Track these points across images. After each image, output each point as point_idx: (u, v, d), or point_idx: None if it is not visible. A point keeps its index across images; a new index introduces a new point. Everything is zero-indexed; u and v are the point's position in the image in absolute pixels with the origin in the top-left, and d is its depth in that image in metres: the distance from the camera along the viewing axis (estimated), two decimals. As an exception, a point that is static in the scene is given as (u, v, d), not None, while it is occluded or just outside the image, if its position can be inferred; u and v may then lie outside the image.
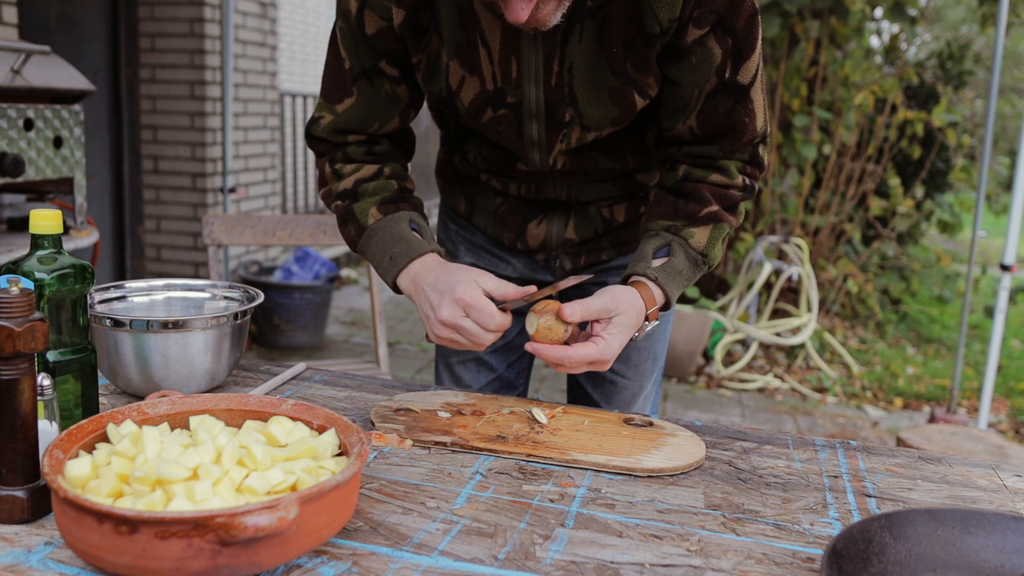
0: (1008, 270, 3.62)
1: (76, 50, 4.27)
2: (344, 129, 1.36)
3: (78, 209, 2.63)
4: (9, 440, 0.90)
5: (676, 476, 1.12)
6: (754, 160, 1.34)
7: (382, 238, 1.33)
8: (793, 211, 5.35)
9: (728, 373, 4.68)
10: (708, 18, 1.20)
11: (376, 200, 1.36)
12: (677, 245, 1.31)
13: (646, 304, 1.27)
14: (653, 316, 1.29)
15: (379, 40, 1.29)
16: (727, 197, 1.33)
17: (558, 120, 1.32)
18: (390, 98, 1.35)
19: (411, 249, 1.30)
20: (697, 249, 1.32)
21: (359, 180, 1.37)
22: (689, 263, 1.32)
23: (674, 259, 1.31)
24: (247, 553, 0.79)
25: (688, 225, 1.32)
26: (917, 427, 3.59)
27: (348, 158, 1.38)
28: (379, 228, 1.34)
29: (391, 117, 1.37)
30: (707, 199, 1.32)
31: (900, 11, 5.20)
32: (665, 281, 1.29)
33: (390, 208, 1.35)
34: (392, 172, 1.40)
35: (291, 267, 4.89)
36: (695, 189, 1.33)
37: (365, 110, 1.35)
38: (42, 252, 1.08)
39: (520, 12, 1.08)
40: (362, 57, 1.31)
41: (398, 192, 1.38)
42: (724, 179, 1.33)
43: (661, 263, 1.30)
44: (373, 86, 1.33)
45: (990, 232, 9.40)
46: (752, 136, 1.31)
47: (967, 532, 0.91)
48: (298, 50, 8.33)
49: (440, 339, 1.23)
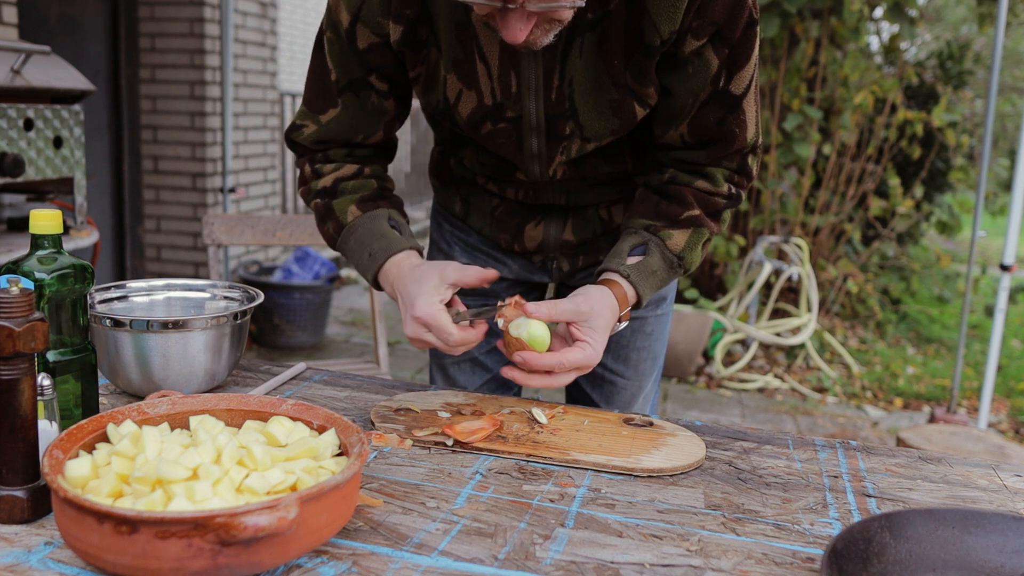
0: (1008, 270, 3.62)
1: (76, 50, 4.27)
2: (325, 140, 1.37)
3: (78, 209, 2.63)
4: (9, 440, 0.90)
5: (676, 476, 1.12)
6: (742, 170, 1.33)
7: (361, 235, 1.33)
8: (793, 211, 5.36)
9: (728, 373, 4.68)
10: (707, 29, 1.19)
11: (356, 197, 1.36)
12: (654, 245, 1.31)
13: (620, 304, 1.26)
14: (626, 317, 1.29)
15: (370, 55, 1.28)
16: (711, 203, 1.33)
17: (558, 133, 1.31)
18: (376, 111, 1.34)
19: (390, 246, 1.30)
20: (674, 251, 1.31)
21: (339, 179, 1.37)
22: (664, 264, 1.31)
23: (649, 259, 1.30)
24: (247, 553, 0.79)
25: (668, 227, 1.32)
26: (917, 427, 3.59)
27: (328, 159, 1.38)
28: (358, 225, 1.34)
29: (375, 130, 1.37)
30: (690, 202, 1.32)
31: (900, 11, 5.20)
32: (638, 280, 1.28)
33: (369, 205, 1.35)
34: (372, 172, 1.40)
35: (291, 267, 4.89)
36: (679, 192, 1.32)
37: (349, 122, 1.34)
38: (42, 252, 1.08)
39: (518, 33, 1.08)
40: (350, 69, 1.31)
41: (378, 190, 1.38)
42: (709, 186, 1.32)
43: (636, 261, 1.30)
44: (360, 99, 1.33)
45: (989, 232, 9.41)
46: (742, 146, 1.30)
47: (967, 532, 0.91)
48: (298, 50, 8.34)
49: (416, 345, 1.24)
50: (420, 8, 1.24)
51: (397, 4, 1.23)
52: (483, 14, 1.11)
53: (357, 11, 1.25)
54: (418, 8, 1.24)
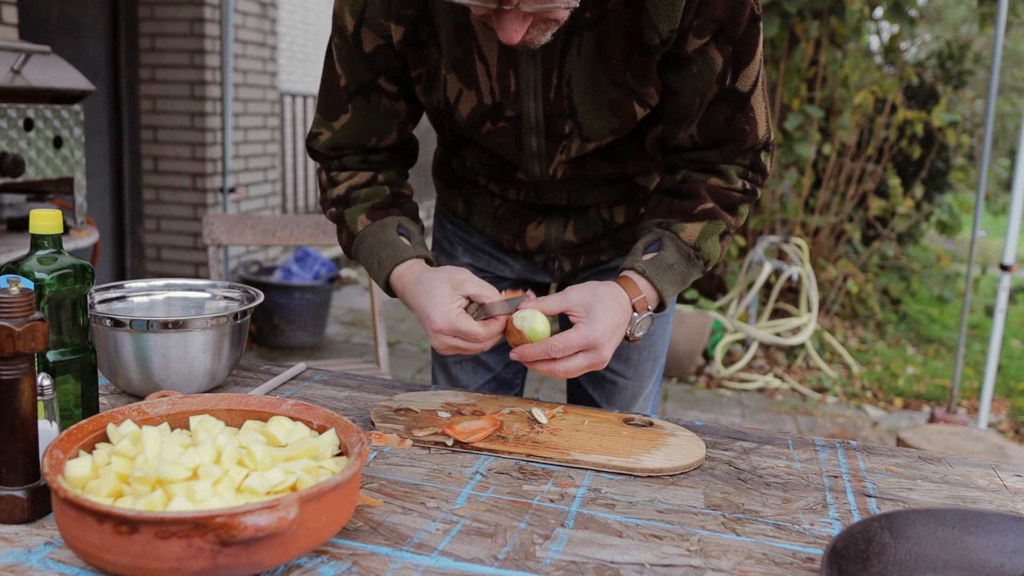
0: (1008, 270, 3.62)
1: (76, 50, 4.27)
2: (340, 146, 1.37)
3: (78, 209, 2.63)
4: (9, 440, 0.90)
5: (676, 476, 1.12)
6: (756, 166, 1.32)
7: (371, 244, 1.33)
8: (793, 211, 5.36)
9: (728, 373, 4.68)
10: (708, 27, 1.19)
11: (366, 206, 1.36)
12: (668, 239, 1.30)
13: (629, 293, 1.24)
14: (641, 306, 1.25)
15: (377, 57, 1.29)
16: (725, 196, 1.31)
17: (558, 132, 1.31)
18: (388, 113, 1.35)
19: (396, 254, 1.30)
20: (688, 242, 1.30)
21: (352, 187, 1.37)
22: (681, 256, 1.29)
23: (664, 253, 1.29)
24: (247, 553, 0.79)
25: (681, 220, 1.31)
26: (917, 427, 3.59)
27: (344, 166, 1.39)
28: (367, 234, 1.34)
29: (388, 132, 1.37)
30: (703, 196, 1.31)
31: (900, 11, 5.20)
32: (654, 274, 1.27)
33: (379, 214, 1.35)
34: (386, 179, 1.40)
35: (291, 267, 4.89)
36: (692, 188, 1.32)
37: (361, 127, 1.35)
38: (42, 252, 1.08)
39: (514, 33, 1.08)
40: (359, 74, 1.31)
41: (390, 198, 1.38)
42: (723, 183, 1.31)
43: (651, 257, 1.29)
44: (370, 102, 1.33)
45: (989, 232, 9.41)
46: (754, 143, 1.30)
47: (967, 532, 0.91)
48: (298, 50, 8.33)
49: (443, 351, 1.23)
50: (420, 9, 1.24)
51: (398, 5, 1.23)
52: (480, 15, 1.11)
53: (361, 14, 1.26)
54: (418, 9, 1.24)
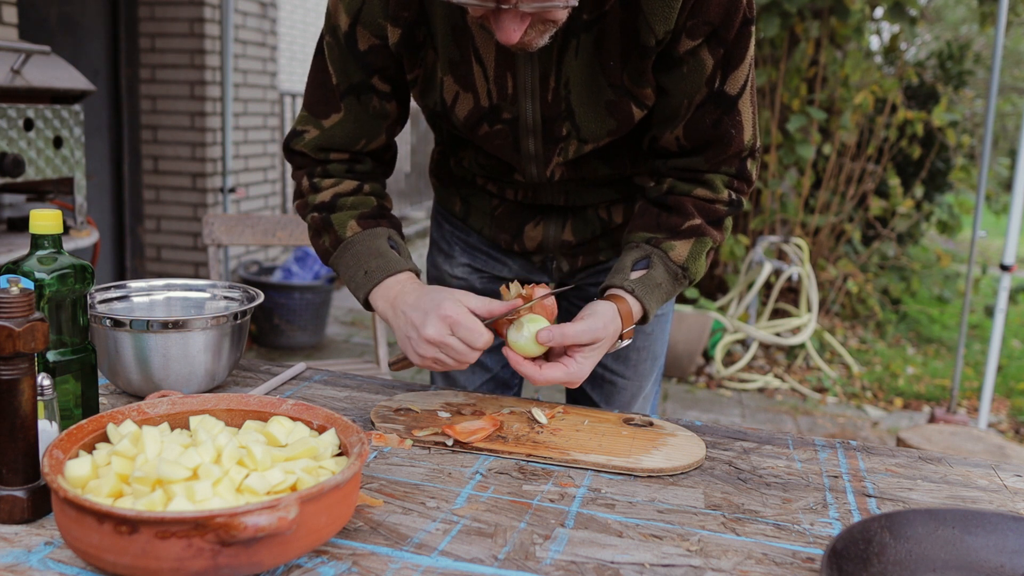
0: (1008, 270, 3.62)
1: (76, 50, 4.27)
2: (328, 147, 1.35)
3: (78, 209, 2.63)
4: (9, 440, 0.90)
5: (676, 476, 1.12)
6: (741, 175, 1.32)
7: (358, 251, 1.31)
8: (793, 211, 5.35)
9: (728, 373, 4.68)
10: (702, 29, 1.19)
11: (356, 213, 1.34)
12: (657, 258, 1.30)
13: (624, 322, 1.25)
14: (628, 335, 1.28)
15: (372, 57, 1.28)
16: (711, 211, 1.32)
17: (555, 135, 1.31)
18: (378, 115, 1.34)
19: (388, 265, 1.29)
20: (677, 262, 1.30)
21: (338, 194, 1.36)
22: (669, 276, 1.30)
23: (653, 272, 1.29)
24: (247, 553, 0.79)
25: (669, 238, 1.31)
26: (917, 427, 3.59)
27: (328, 174, 1.37)
28: (356, 241, 1.32)
29: (378, 134, 1.36)
30: (690, 212, 1.31)
31: (900, 11, 5.20)
32: (643, 294, 1.27)
33: (370, 223, 1.34)
34: (372, 190, 1.39)
35: (291, 267, 4.89)
36: (679, 202, 1.31)
37: (352, 127, 1.34)
38: (42, 252, 1.08)
39: (512, 33, 1.07)
40: (351, 73, 1.30)
41: (377, 209, 1.37)
42: (709, 193, 1.31)
43: (639, 275, 1.29)
44: (361, 102, 1.32)
45: (989, 232, 9.40)
46: (739, 149, 1.29)
47: (967, 532, 0.91)
48: (298, 50, 8.33)
49: (423, 360, 1.20)
50: (417, 10, 1.24)
51: (395, 6, 1.23)
52: (477, 15, 1.11)
53: (357, 13, 1.25)
54: (415, 10, 1.24)
